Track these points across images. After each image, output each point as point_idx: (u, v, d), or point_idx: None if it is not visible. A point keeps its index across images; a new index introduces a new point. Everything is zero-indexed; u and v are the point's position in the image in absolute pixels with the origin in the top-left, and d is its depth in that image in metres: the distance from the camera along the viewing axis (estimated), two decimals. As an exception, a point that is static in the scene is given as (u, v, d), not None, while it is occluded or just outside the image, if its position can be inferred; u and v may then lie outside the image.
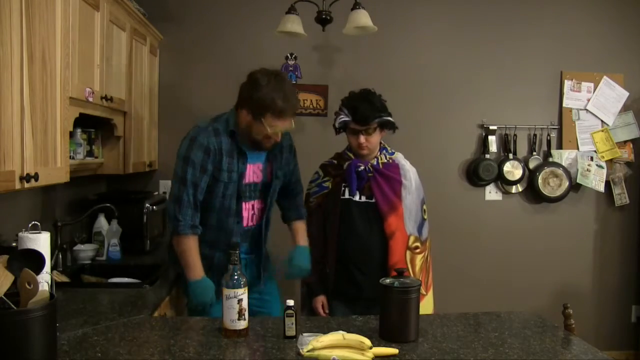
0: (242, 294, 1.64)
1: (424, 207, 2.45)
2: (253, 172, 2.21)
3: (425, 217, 2.45)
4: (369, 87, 2.40)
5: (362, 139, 2.30)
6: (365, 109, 2.27)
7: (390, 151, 2.46)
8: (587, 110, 3.80)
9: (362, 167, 2.35)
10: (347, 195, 2.36)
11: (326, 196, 2.42)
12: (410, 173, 2.41)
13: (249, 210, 2.25)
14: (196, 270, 2.09)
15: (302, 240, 2.35)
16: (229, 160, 2.12)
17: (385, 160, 2.40)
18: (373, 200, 2.34)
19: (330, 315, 2.34)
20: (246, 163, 2.16)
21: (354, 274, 2.34)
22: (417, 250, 2.37)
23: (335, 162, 2.47)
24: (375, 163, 2.38)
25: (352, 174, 2.34)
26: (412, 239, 2.35)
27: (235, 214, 2.18)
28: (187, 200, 2.07)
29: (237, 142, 2.14)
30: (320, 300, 2.39)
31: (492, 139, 3.72)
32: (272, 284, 2.43)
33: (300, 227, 2.38)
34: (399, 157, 2.46)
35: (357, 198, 2.35)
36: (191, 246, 2.09)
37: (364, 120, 2.28)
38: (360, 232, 2.33)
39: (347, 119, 2.31)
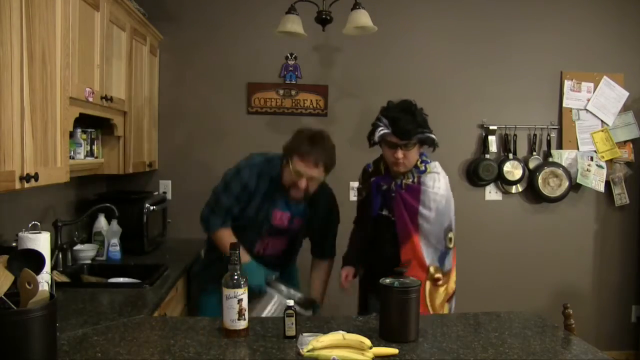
0: (242, 294, 1.64)
1: (450, 235, 2.25)
2: (279, 217, 2.32)
3: (451, 245, 2.26)
4: (410, 99, 2.24)
5: (400, 153, 2.14)
6: (407, 122, 2.12)
7: (422, 167, 2.25)
8: (587, 110, 3.80)
9: (385, 187, 2.25)
10: None
11: (360, 202, 2.42)
12: (431, 200, 2.20)
13: (269, 246, 2.38)
14: (243, 256, 2.14)
15: (318, 288, 2.45)
16: (259, 201, 2.28)
17: (410, 181, 2.23)
18: (394, 219, 2.24)
19: (368, 307, 2.36)
20: (271, 209, 2.29)
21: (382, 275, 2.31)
22: (439, 282, 2.22)
23: (371, 170, 2.38)
24: (399, 183, 2.23)
25: (374, 191, 2.27)
26: (432, 269, 2.20)
27: (254, 244, 2.36)
28: (219, 213, 2.31)
29: (275, 187, 2.26)
30: (346, 271, 2.40)
31: (492, 139, 3.72)
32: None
33: (316, 268, 2.49)
34: (428, 177, 2.23)
35: (383, 212, 2.27)
36: (227, 236, 2.29)
37: (405, 134, 2.12)
38: (386, 241, 2.27)
39: (386, 130, 2.14)
